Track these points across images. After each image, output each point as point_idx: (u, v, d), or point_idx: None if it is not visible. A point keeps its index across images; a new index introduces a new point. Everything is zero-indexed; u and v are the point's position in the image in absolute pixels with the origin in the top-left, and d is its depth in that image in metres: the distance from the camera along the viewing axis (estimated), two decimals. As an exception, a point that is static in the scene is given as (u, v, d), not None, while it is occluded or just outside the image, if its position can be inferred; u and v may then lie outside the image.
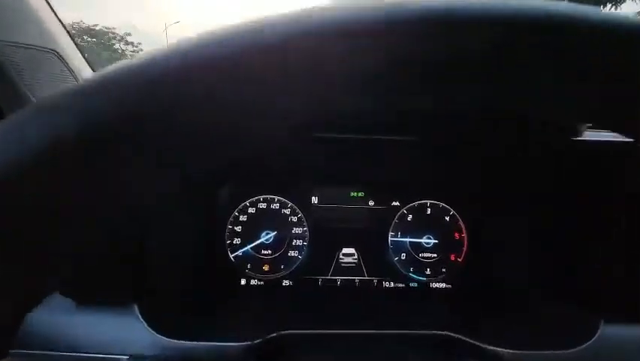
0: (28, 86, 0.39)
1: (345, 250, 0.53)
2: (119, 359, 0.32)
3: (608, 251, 0.39)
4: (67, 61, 0.46)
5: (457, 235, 0.53)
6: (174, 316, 0.39)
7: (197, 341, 0.34)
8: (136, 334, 0.34)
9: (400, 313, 0.46)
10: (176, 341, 0.33)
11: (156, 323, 0.34)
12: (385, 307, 0.48)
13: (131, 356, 0.32)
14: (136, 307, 0.35)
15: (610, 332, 0.35)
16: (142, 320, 0.34)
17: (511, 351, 0.35)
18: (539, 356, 0.34)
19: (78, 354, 0.32)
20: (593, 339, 0.35)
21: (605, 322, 0.36)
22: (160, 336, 0.34)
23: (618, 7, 7.69)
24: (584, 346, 0.35)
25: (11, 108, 0.40)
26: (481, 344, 0.36)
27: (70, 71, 0.46)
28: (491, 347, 0.36)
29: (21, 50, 0.39)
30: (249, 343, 0.34)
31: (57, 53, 0.45)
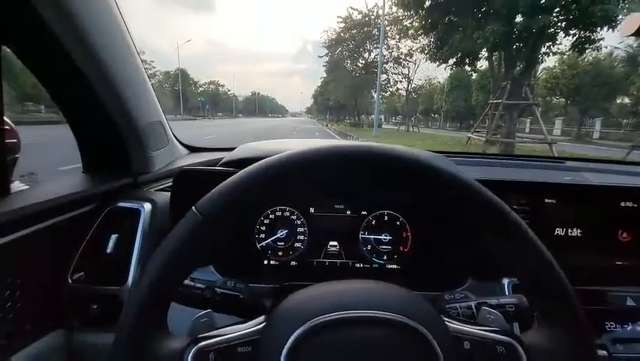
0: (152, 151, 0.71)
1: (331, 243, 0.81)
2: None
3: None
4: (164, 126, 0.77)
5: (404, 233, 0.81)
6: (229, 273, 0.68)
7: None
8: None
9: None
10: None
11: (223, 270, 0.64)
12: (355, 278, 0.77)
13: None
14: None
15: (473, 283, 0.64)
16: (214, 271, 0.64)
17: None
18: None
19: None
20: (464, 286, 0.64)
21: (472, 278, 0.64)
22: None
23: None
24: (458, 289, 0.63)
25: (140, 168, 0.72)
26: None
27: (166, 131, 0.76)
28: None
29: (145, 126, 0.71)
30: (271, 286, 0.63)
31: (160, 122, 0.76)
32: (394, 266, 0.80)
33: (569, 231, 0.74)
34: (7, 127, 0.61)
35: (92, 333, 0.62)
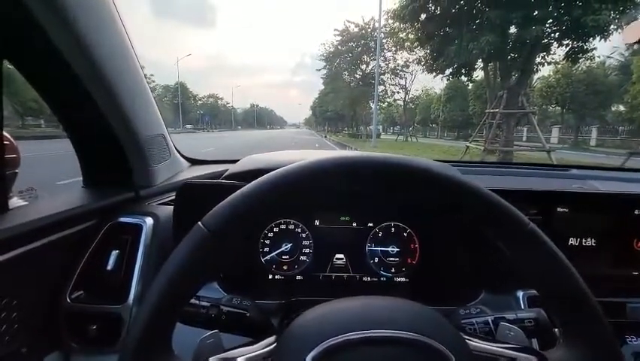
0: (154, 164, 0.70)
1: (337, 256, 0.79)
2: None
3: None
4: (166, 139, 0.76)
5: (412, 245, 0.79)
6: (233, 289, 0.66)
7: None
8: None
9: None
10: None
11: (227, 287, 0.62)
12: (363, 292, 0.74)
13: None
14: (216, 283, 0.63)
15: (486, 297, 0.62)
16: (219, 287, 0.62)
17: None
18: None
19: None
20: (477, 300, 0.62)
21: (485, 292, 0.62)
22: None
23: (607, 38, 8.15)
24: (471, 303, 0.61)
25: (142, 182, 0.70)
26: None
27: (168, 144, 0.75)
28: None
29: (147, 139, 0.70)
30: (277, 302, 0.61)
31: (163, 135, 0.75)
32: (402, 279, 0.78)
33: (583, 240, 0.73)
34: (6, 142, 0.60)
35: (90, 355, 0.59)
